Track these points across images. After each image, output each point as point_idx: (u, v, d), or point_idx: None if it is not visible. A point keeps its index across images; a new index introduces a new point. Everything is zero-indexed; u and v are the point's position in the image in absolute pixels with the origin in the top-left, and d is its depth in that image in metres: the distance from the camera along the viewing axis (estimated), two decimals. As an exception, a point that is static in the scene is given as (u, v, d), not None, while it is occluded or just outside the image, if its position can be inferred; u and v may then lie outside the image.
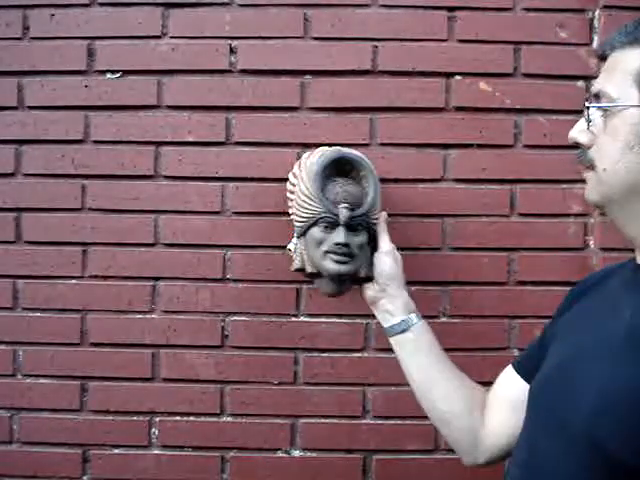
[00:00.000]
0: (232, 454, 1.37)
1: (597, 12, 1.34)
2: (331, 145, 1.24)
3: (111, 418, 1.37)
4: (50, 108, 1.35)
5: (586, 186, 0.85)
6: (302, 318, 1.36)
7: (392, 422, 1.36)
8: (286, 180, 1.24)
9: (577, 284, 0.99)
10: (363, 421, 1.36)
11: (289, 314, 1.36)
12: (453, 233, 1.35)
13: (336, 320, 1.36)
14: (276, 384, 1.36)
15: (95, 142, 1.36)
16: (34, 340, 1.36)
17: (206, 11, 1.34)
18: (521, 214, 1.35)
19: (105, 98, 1.35)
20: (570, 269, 1.34)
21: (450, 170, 1.35)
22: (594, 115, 0.82)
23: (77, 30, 1.35)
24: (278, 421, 1.36)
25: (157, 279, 1.36)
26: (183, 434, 1.36)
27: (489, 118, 1.35)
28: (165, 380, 1.37)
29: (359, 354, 1.36)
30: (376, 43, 1.34)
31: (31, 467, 1.36)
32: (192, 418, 1.37)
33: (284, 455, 1.37)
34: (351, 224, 1.11)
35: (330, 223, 1.12)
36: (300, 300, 1.36)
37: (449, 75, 1.34)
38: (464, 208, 1.35)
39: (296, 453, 1.37)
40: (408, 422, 1.35)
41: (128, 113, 1.35)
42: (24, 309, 1.37)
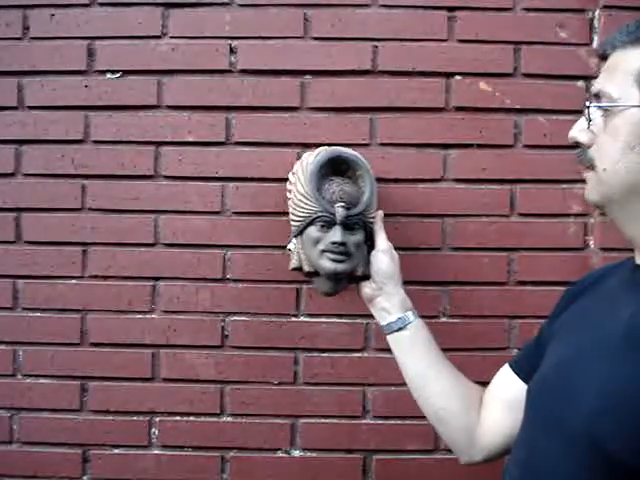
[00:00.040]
0: (232, 454, 1.36)
1: (597, 12, 1.33)
2: (331, 145, 1.24)
3: (111, 418, 1.37)
4: (50, 108, 1.35)
5: (586, 186, 0.85)
6: (302, 318, 1.36)
7: (392, 422, 1.36)
8: (286, 180, 1.24)
9: (574, 284, 0.99)
10: (363, 421, 1.36)
11: (289, 314, 1.36)
12: (453, 233, 1.35)
13: (336, 320, 1.36)
14: (276, 384, 1.36)
15: (95, 142, 1.36)
16: (34, 340, 1.36)
17: (206, 11, 1.34)
18: (521, 214, 1.35)
19: (105, 98, 1.35)
20: (570, 269, 1.33)
21: (450, 170, 1.35)
22: (594, 115, 0.82)
23: (77, 30, 1.35)
24: (278, 421, 1.36)
25: (157, 279, 1.36)
26: (183, 434, 1.36)
27: (489, 118, 1.35)
28: (165, 380, 1.37)
29: (359, 354, 1.36)
30: (376, 43, 1.34)
31: (31, 467, 1.36)
32: (192, 418, 1.37)
33: (284, 455, 1.37)
34: (347, 223, 1.12)
35: (327, 222, 1.12)
36: (300, 300, 1.36)
37: (449, 75, 1.34)
38: (464, 208, 1.35)
39: (296, 453, 1.37)
40: (408, 422, 1.35)
41: (128, 113, 1.35)
42: (24, 309, 1.37)
